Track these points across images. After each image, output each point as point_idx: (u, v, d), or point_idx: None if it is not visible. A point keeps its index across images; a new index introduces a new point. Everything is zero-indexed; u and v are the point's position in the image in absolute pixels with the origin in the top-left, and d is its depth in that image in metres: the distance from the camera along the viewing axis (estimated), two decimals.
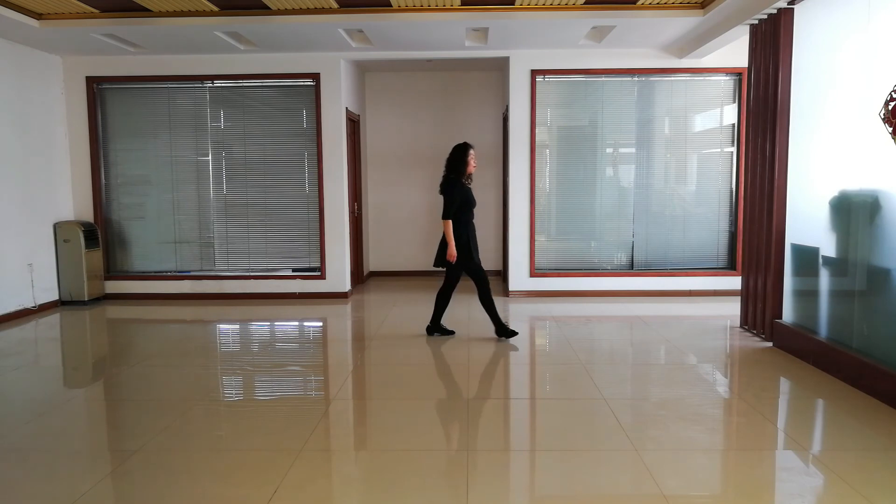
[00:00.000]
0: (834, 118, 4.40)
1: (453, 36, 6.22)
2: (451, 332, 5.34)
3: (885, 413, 3.50)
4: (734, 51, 6.47)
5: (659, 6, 5.51)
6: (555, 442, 3.22)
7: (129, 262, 7.37)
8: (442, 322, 5.34)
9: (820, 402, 3.79)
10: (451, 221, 4.96)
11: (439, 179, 5.16)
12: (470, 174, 5.10)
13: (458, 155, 5.03)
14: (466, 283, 5.34)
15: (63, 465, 2.97)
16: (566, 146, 7.19)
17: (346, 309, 6.72)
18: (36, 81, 6.60)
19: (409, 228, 8.64)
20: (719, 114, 7.05)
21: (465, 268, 5.10)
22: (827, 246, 4.49)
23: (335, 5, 5.49)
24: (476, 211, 5.15)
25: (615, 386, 4.04)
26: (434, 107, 8.46)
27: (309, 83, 7.03)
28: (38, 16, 5.68)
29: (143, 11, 5.58)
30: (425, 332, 5.37)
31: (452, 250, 4.95)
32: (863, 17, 4.03)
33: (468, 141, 5.22)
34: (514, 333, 5.22)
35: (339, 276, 7.17)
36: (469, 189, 5.10)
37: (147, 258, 7.34)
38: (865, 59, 4.01)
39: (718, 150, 7.08)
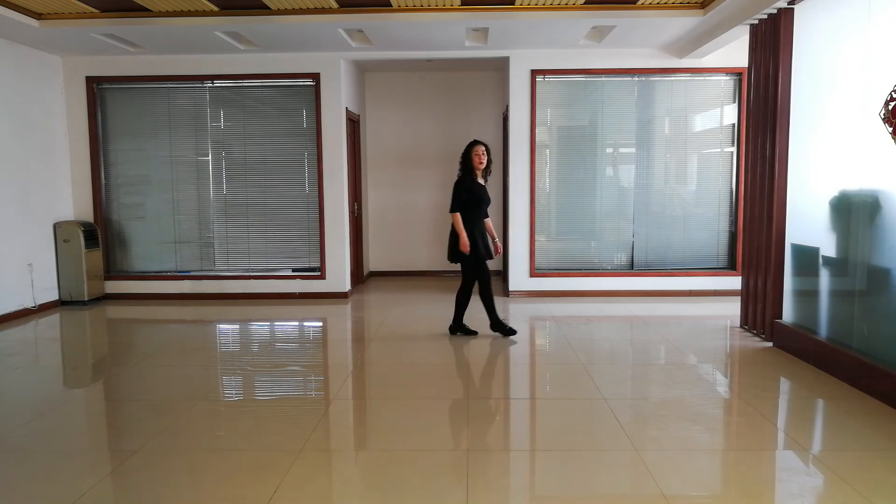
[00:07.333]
0: (834, 118, 4.40)
1: (453, 36, 6.22)
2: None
3: (885, 413, 3.50)
4: (734, 51, 6.47)
5: (659, 6, 5.51)
6: (555, 442, 3.23)
7: (129, 262, 7.37)
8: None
9: (820, 402, 3.79)
10: (458, 214, 5.01)
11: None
12: (480, 170, 5.11)
13: (464, 153, 5.11)
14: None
15: (63, 465, 2.97)
16: (566, 146, 7.19)
17: (346, 309, 6.71)
18: (36, 81, 6.60)
19: (409, 228, 8.63)
20: (719, 114, 7.05)
21: (475, 263, 5.10)
22: (827, 246, 4.49)
23: (335, 5, 5.49)
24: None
25: (615, 386, 4.04)
26: (434, 107, 8.46)
27: (309, 83, 7.03)
28: (38, 16, 5.68)
29: (143, 11, 5.58)
30: (448, 332, 5.35)
31: (465, 240, 4.97)
32: (863, 17, 4.02)
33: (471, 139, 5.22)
34: (512, 331, 5.24)
35: (339, 276, 7.17)
36: (482, 187, 5.12)
37: (147, 258, 7.34)
38: (865, 59, 4.01)
39: (718, 150, 7.08)
